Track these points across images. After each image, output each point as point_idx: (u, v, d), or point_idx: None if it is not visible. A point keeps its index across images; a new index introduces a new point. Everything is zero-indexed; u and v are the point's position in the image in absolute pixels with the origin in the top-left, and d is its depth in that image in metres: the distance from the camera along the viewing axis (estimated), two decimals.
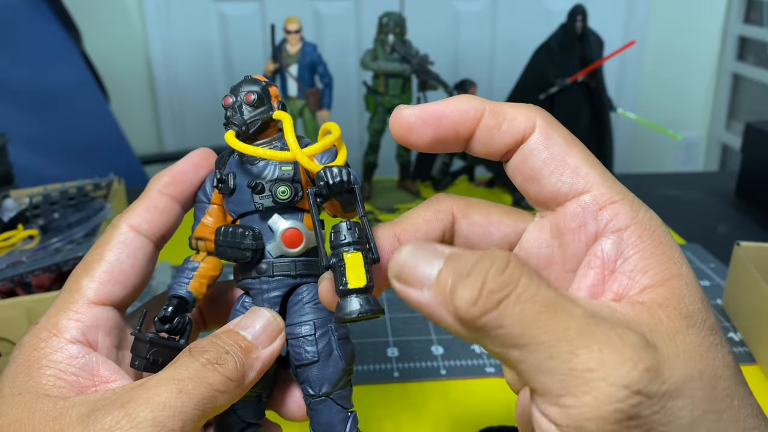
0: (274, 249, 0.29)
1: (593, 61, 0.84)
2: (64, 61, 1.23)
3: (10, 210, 0.65)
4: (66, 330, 0.26)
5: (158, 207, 0.29)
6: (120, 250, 0.28)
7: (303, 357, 0.29)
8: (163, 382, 0.24)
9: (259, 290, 0.29)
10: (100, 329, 0.27)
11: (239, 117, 0.29)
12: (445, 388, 0.49)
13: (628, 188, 0.27)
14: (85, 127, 1.22)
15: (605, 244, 0.24)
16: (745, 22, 1.75)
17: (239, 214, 0.29)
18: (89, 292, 0.27)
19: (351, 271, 0.25)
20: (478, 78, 0.95)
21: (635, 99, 1.80)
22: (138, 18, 1.68)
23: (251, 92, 0.29)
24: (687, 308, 0.22)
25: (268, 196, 0.28)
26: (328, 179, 0.26)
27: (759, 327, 0.53)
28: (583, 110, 0.87)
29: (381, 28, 0.83)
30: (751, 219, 0.82)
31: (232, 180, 0.29)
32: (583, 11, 0.86)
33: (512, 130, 0.25)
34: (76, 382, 0.25)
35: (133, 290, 0.29)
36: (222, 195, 0.30)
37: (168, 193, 0.30)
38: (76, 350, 0.26)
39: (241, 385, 0.26)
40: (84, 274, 0.28)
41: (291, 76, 0.82)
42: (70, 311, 0.27)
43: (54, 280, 0.58)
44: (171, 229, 0.30)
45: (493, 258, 0.20)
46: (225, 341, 0.26)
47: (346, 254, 0.25)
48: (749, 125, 0.87)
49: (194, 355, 0.25)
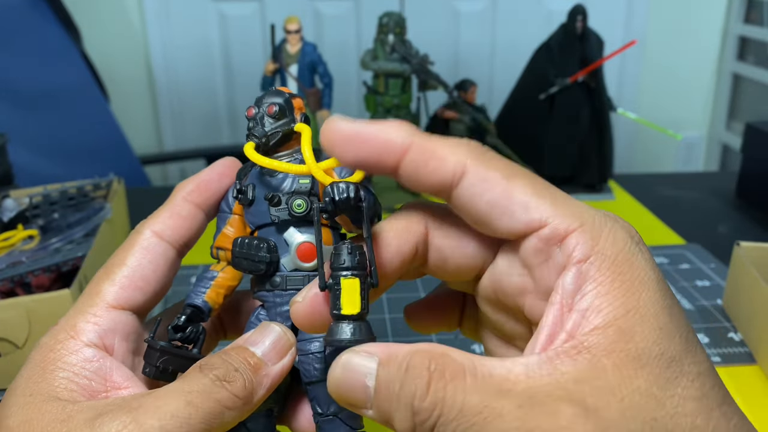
0: (288, 262, 0.29)
1: (593, 61, 0.84)
2: (64, 61, 1.23)
3: (10, 210, 0.65)
4: (83, 332, 0.27)
5: (182, 214, 0.30)
6: (142, 255, 0.29)
7: (311, 374, 0.28)
8: (172, 393, 0.24)
9: (272, 303, 0.29)
10: (117, 333, 0.27)
11: (260, 129, 0.29)
12: None
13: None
14: (85, 127, 1.22)
15: (566, 278, 0.23)
16: (745, 22, 1.75)
17: (257, 225, 0.29)
18: (109, 296, 0.28)
19: (346, 296, 0.24)
20: (478, 78, 0.95)
21: (635, 99, 1.80)
22: (138, 18, 1.68)
23: (274, 104, 0.29)
24: (637, 347, 0.21)
25: (284, 209, 0.28)
26: (334, 195, 0.25)
27: (759, 327, 0.53)
28: (583, 110, 0.87)
29: (381, 28, 0.83)
30: (751, 219, 0.82)
31: (251, 191, 0.29)
32: (583, 11, 0.86)
33: (440, 171, 0.24)
34: (88, 386, 0.25)
35: (153, 296, 0.29)
36: (242, 205, 0.30)
37: (192, 200, 0.30)
38: (91, 354, 0.26)
39: (249, 402, 0.26)
40: (105, 278, 0.28)
41: (291, 76, 0.82)
42: (88, 314, 0.27)
43: (54, 280, 0.58)
44: (194, 236, 0.30)
45: (414, 379, 0.21)
46: (234, 358, 0.26)
47: (343, 279, 0.25)
48: (749, 125, 0.87)
49: (204, 371, 0.25)
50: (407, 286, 0.64)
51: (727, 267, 0.66)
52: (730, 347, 0.55)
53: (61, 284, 0.57)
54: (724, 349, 0.55)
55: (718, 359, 0.53)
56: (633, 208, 0.85)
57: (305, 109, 0.30)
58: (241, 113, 1.76)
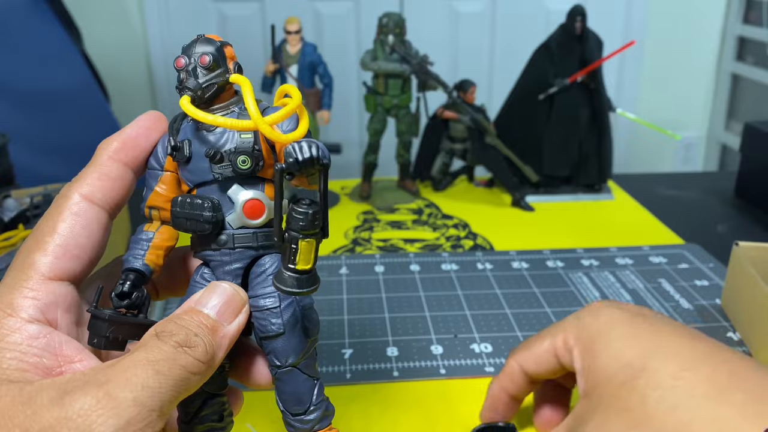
0: (234, 220, 0.28)
1: (592, 61, 0.85)
2: (65, 61, 1.23)
3: (11, 210, 0.65)
4: (22, 309, 0.25)
5: (110, 174, 0.28)
6: (74, 221, 0.27)
7: (268, 329, 0.28)
8: (138, 363, 0.24)
9: (219, 262, 0.29)
10: (59, 306, 0.26)
11: (194, 81, 0.27)
12: (445, 388, 0.50)
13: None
14: (85, 127, 1.22)
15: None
16: (745, 22, 1.75)
17: (196, 183, 0.28)
18: (43, 267, 0.26)
19: (302, 256, 0.26)
20: (478, 78, 0.95)
21: (635, 99, 1.81)
22: (138, 18, 1.68)
23: (206, 54, 0.27)
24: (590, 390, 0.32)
25: (228, 166, 0.27)
26: (298, 156, 0.25)
27: (757, 327, 0.53)
28: (583, 110, 0.87)
29: (381, 28, 0.83)
30: (750, 219, 0.83)
31: (187, 147, 0.27)
32: (583, 11, 0.86)
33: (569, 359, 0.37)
34: (40, 364, 0.24)
35: (89, 263, 0.27)
36: (176, 162, 0.28)
37: (119, 159, 0.28)
38: (35, 330, 0.25)
39: (211, 365, 0.26)
40: (36, 248, 0.26)
41: (291, 76, 0.82)
42: (24, 289, 0.25)
43: None
44: (125, 197, 0.29)
45: None
46: (190, 323, 0.26)
47: (301, 241, 0.26)
48: (748, 125, 0.87)
49: (163, 339, 0.25)
50: (406, 284, 0.64)
51: (725, 267, 0.66)
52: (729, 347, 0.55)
53: None
54: None
55: None
56: (632, 208, 0.85)
57: (236, 58, 0.29)
58: None
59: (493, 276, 0.66)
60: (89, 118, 1.25)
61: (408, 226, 0.80)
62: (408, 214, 0.83)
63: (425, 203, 0.87)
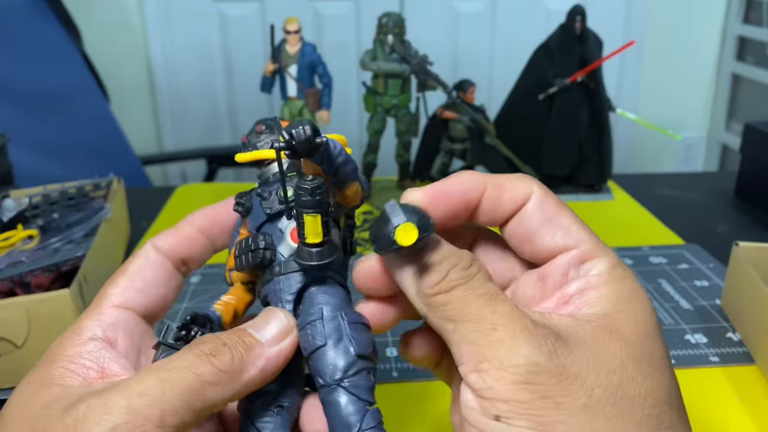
0: (285, 249, 0.30)
1: (592, 61, 0.85)
2: (65, 61, 1.23)
3: (10, 210, 0.65)
4: (87, 329, 0.28)
5: (182, 234, 0.32)
6: (141, 262, 0.31)
7: (311, 343, 0.28)
8: (149, 371, 0.24)
9: (274, 292, 0.29)
10: (120, 328, 0.29)
11: (251, 143, 0.31)
12: (444, 388, 0.49)
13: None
14: (85, 128, 1.22)
15: (572, 285, 0.27)
16: (745, 22, 1.75)
17: (255, 227, 0.31)
18: (112, 297, 0.30)
19: (309, 229, 0.27)
20: (478, 78, 0.95)
21: (635, 99, 1.81)
22: (138, 18, 1.68)
23: (262, 123, 0.31)
24: (619, 328, 0.25)
25: (274, 200, 0.30)
26: (291, 129, 0.26)
27: (757, 327, 0.53)
28: (583, 110, 0.87)
29: (380, 28, 0.83)
30: (750, 219, 0.82)
31: (249, 201, 0.31)
32: (583, 11, 0.86)
33: (512, 200, 0.28)
34: (84, 373, 0.26)
35: (155, 300, 0.31)
36: (242, 216, 0.32)
37: (195, 224, 0.33)
38: (92, 346, 0.27)
39: (235, 379, 0.25)
40: (109, 284, 0.31)
41: (290, 76, 0.82)
42: (94, 314, 0.29)
43: (53, 279, 0.58)
44: (194, 256, 0.33)
45: (461, 257, 0.26)
46: (228, 336, 0.26)
47: (305, 215, 0.27)
48: (748, 125, 0.87)
49: (191, 347, 0.25)
50: None
51: (725, 267, 0.66)
52: (729, 347, 0.55)
53: (61, 284, 0.57)
54: (722, 349, 0.55)
55: (716, 359, 0.53)
56: (632, 208, 0.85)
57: None
58: (241, 113, 1.77)
59: None
60: (89, 118, 1.25)
61: None
62: None
63: None
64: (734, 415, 0.47)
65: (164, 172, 1.81)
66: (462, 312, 0.25)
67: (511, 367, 0.23)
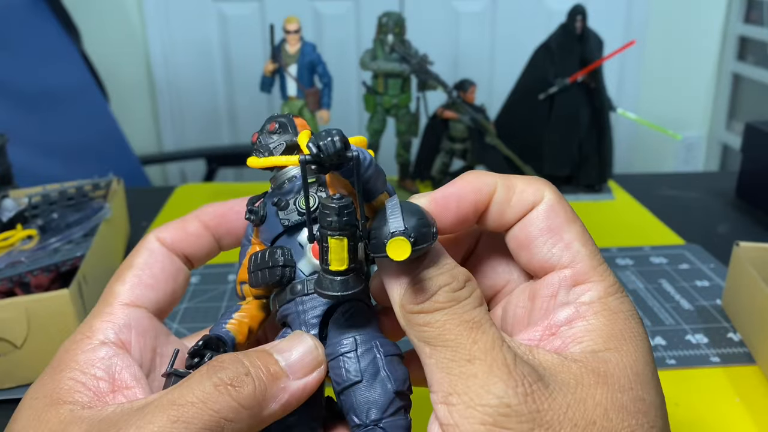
0: (305, 265, 0.27)
1: (593, 61, 0.84)
2: (64, 61, 1.23)
3: (9, 210, 0.65)
4: (99, 331, 0.27)
5: (188, 229, 0.31)
6: (147, 255, 0.29)
7: (344, 377, 0.25)
8: (162, 407, 0.22)
9: (296, 313, 0.27)
10: (133, 329, 0.28)
11: (263, 144, 0.29)
12: None
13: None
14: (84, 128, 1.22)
15: (560, 313, 0.25)
16: (745, 22, 1.75)
17: (271, 240, 0.28)
18: (122, 295, 0.28)
19: (333, 254, 0.24)
20: (478, 78, 0.95)
21: (635, 99, 1.80)
22: (138, 18, 1.68)
23: (275, 121, 0.29)
24: (607, 371, 0.23)
25: (293, 210, 0.27)
26: (318, 141, 0.23)
27: (758, 327, 0.53)
28: (583, 110, 0.87)
29: (380, 28, 0.83)
30: (751, 219, 0.82)
31: (262, 209, 0.29)
32: (583, 11, 0.85)
33: (521, 203, 0.26)
34: (95, 386, 0.25)
35: (165, 296, 0.29)
36: (255, 226, 0.30)
37: (204, 220, 0.31)
38: (104, 352, 0.26)
39: (256, 415, 0.23)
40: (116, 281, 0.29)
41: (290, 76, 0.82)
42: (104, 314, 0.28)
43: (53, 279, 0.58)
44: (198, 253, 0.31)
45: (454, 277, 0.24)
46: (251, 361, 0.24)
47: (330, 238, 0.24)
48: (749, 125, 0.86)
49: (209, 373, 0.23)
50: None
51: (726, 267, 0.66)
52: (730, 347, 0.55)
53: (60, 284, 0.57)
54: (723, 349, 0.55)
55: (717, 359, 0.53)
56: (633, 208, 0.84)
57: (308, 127, 0.30)
58: (240, 113, 1.77)
59: None
60: (88, 118, 1.25)
61: None
62: None
63: None
64: (735, 415, 0.47)
65: (164, 172, 1.81)
66: (440, 337, 0.23)
67: (481, 406, 0.21)
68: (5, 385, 0.52)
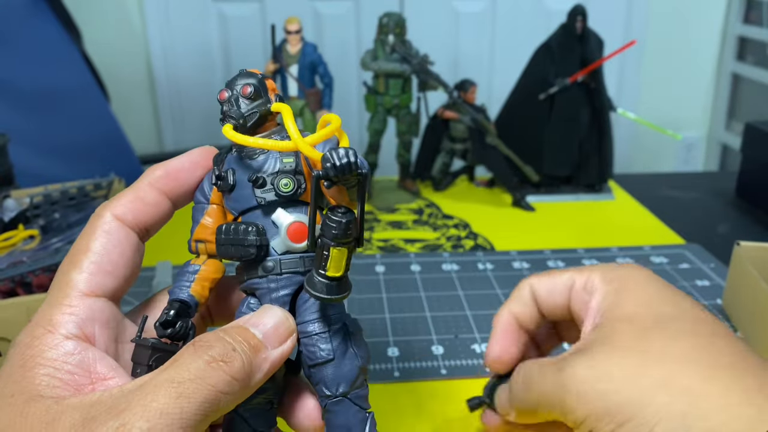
0: (279, 245, 0.28)
1: (593, 61, 0.85)
2: (65, 61, 1.23)
3: (11, 210, 0.65)
4: (61, 325, 0.25)
5: (145, 199, 0.29)
6: (106, 239, 0.27)
7: (317, 355, 0.27)
8: (162, 385, 0.23)
9: (266, 289, 0.28)
10: (96, 321, 0.26)
11: (236, 110, 0.28)
12: (445, 388, 0.49)
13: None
14: (85, 127, 1.22)
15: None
16: (745, 22, 1.75)
17: (240, 211, 0.29)
18: (80, 284, 0.27)
19: (333, 262, 0.26)
20: (478, 78, 0.95)
21: (635, 99, 1.80)
22: (138, 18, 1.68)
23: (248, 84, 0.28)
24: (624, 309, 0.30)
25: (270, 190, 0.27)
26: (335, 160, 0.24)
27: (759, 327, 0.53)
28: (583, 110, 0.87)
29: (381, 28, 0.83)
30: (751, 219, 0.82)
31: (231, 176, 0.28)
32: (583, 11, 0.86)
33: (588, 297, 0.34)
34: (72, 381, 0.24)
35: (124, 281, 0.28)
36: (221, 193, 0.29)
37: (159, 187, 0.29)
38: (71, 347, 0.25)
39: (246, 386, 0.25)
40: (72, 267, 0.27)
41: (291, 76, 0.82)
42: (63, 305, 0.26)
43: None
44: (157, 223, 0.29)
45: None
46: (233, 337, 0.25)
47: (333, 248, 0.25)
48: (749, 125, 0.87)
49: (198, 352, 0.24)
50: (407, 285, 0.64)
51: (726, 267, 0.66)
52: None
53: None
54: None
55: None
56: (633, 208, 0.85)
57: (278, 90, 0.30)
58: None
59: (494, 276, 0.66)
60: (89, 118, 1.25)
61: (408, 226, 0.80)
62: (408, 214, 0.83)
63: (426, 203, 0.86)
64: None
65: None
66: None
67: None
68: None
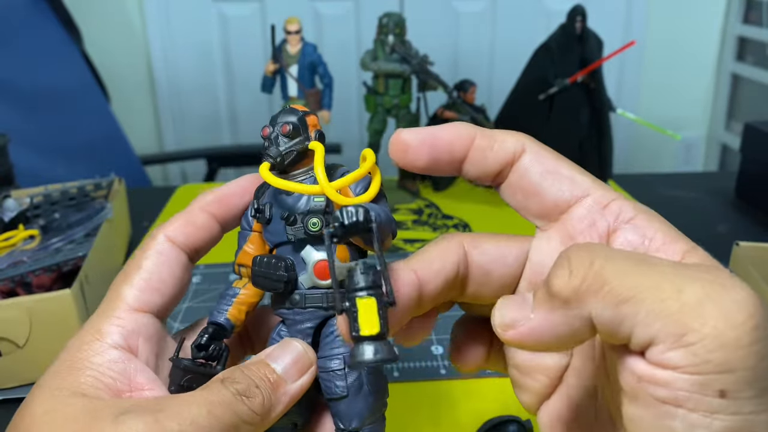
0: (306, 280, 0.29)
1: (593, 61, 0.85)
2: (65, 61, 1.23)
3: (11, 210, 0.65)
4: (108, 335, 0.28)
5: (196, 223, 0.31)
6: (157, 258, 0.30)
7: (333, 391, 0.29)
8: (195, 400, 0.25)
9: (292, 321, 0.30)
10: (141, 335, 0.28)
11: (275, 149, 0.29)
12: (445, 388, 0.50)
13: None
14: (85, 127, 1.22)
15: (626, 234, 0.25)
16: (745, 22, 1.75)
17: (275, 243, 0.30)
18: (129, 298, 0.29)
19: (363, 317, 0.23)
20: (478, 78, 0.95)
21: (635, 99, 1.81)
22: (138, 18, 1.68)
23: (287, 123, 0.29)
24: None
25: (300, 228, 0.29)
26: (343, 219, 0.25)
27: None
28: (583, 110, 0.87)
29: (381, 28, 0.83)
30: (751, 219, 0.82)
31: (268, 210, 0.29)
32: (583, 11, 0.86)
33: (503, 151, 0.27)
34: (113, 386, 0.26)
35: (171, 299, 0.30)
36: (260, 224, 0.30)
37: (209, 211, 0.31)
38: (116, 355, 0.27)
39: (266, 418, 0.27)
40: (124, 282, 0.29)
41: (291, 76, 0.82)
42: (112, 317, 0.28)
43: (54, 280, 0.58)
44: (206, 245, 0.31)
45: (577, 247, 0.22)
46: (255, 373, 0.27)
47: (359, 299, 0.24)
48: (748, 125, 0.87)
49: (225, 384, 0.26)
50: None
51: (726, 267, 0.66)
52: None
53: (62, 284, 0.57)
54: None
55: None
56: None
57: (320, 125, 0.30)
58: (241, 113, 1.77)
59: None
60: (89, 118, 1.25)
61: (408, 226, 0.80)
62: (408, 214, 0.83)
63: (425, 203, 0.87)
64: None
65: (164, 172, 1.81)
66: (630, 285, 0.20)
67: (732, 330, 0.18)
68: (7, 385, 0.52)
